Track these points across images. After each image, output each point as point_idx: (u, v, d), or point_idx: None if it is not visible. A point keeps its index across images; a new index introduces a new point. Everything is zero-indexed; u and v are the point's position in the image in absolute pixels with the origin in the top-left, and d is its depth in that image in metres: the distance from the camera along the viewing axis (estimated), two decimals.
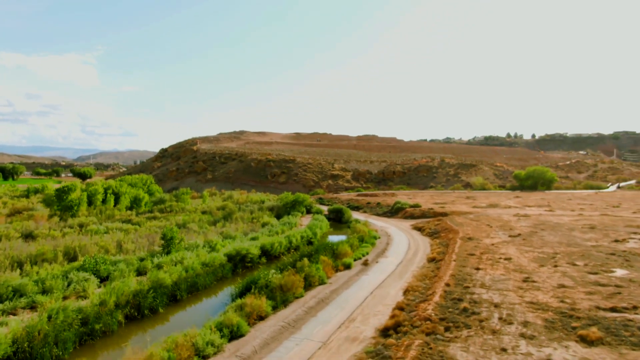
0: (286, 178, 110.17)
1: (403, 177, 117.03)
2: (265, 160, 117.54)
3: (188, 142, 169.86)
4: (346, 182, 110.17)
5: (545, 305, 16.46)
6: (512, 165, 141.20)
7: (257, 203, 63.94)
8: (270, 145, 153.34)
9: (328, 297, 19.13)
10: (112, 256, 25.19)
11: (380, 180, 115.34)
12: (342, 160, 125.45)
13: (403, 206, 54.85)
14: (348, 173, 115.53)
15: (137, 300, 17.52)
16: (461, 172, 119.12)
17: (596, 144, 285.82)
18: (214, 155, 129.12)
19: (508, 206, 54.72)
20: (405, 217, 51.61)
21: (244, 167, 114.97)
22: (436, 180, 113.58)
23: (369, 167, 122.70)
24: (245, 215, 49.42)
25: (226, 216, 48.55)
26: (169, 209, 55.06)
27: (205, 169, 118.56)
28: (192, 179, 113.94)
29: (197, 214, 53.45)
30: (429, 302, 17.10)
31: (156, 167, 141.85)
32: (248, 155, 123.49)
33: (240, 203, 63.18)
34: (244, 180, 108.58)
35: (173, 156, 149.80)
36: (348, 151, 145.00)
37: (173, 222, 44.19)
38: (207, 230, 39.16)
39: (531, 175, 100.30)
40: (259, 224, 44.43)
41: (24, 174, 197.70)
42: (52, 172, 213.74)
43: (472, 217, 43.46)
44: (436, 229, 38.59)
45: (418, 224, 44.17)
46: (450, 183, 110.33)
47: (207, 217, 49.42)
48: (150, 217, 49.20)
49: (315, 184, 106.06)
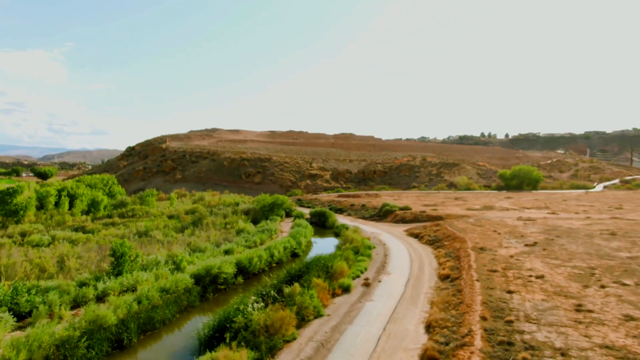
0: (262, 178, 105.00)
1: (384, 177, 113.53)
2: (239, 159, 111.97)
3: (157, 140, 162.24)
4: (325, 182, 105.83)
5: (626, 350, 12.40)
6: (494, 164, 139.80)
7: (230, 206, 58.81)
8: (245, 143, 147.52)
9: (329, 339, 14.53)
10: (46, 280, 19.96)
11: (360, 180, 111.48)
12: (320, 159, 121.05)
13: (392, 209, 50.79)
14: (327, 172, 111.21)
15: (62, 354, 12.55)
16: (444, 171, 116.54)
17: (568, 143, 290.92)
18: (184, 153, 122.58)
19: (505, 208, 51.38)
20: (395, 221, 47.54)
21: (216, 167, 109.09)
22: (419, 179, 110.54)
23: (348, 166, 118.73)
24: (218, 221, 44.35)
25: (196, 222, 43.37)
26: (130, 213, 49.38)
27: (174, 169, 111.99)
28: (160, 179, 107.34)
29: (162, 219, 48.05)
30: (470, 350, 12.75)
31: (122, 167, 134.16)
32: (221, 154, 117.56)
33: (212, 206, 57.92)
34: (217, 180, 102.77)
35: (140, 155, 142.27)
36: (326, 149, 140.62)
37: (134, 229, 38.79)
38: (172, 239, 34.01)
39: (517, 174, 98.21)
40: (233, 231, 39.49)
41: None
42: (11, 172, 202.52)
43: (472, 221, 39.67)
44: (436, 235, 34.54)
45: (413, 229, 40.10)
46: (433, 183, 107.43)
47: (174, 223, 44.13)
48: (108, 223, 43.54)
49: (293, 184, 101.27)
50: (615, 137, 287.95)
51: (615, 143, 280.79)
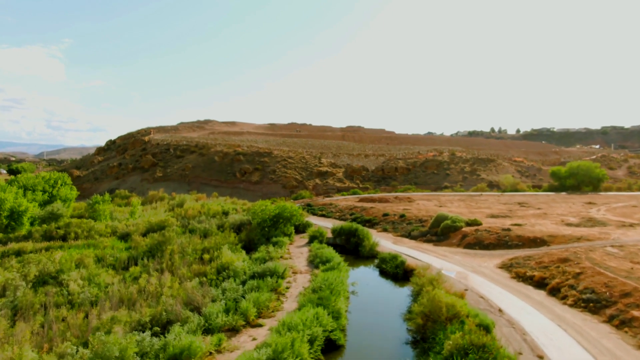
0: (260, 176, 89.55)
1: (408, 175, 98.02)
2: (233, 153, 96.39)
3: (140, 132, 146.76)
4: (338, 181, 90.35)
5: None
6: (532, 160, 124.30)
7: (217, 216, 43.50)
8: (241, 136, 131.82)
9: None
10: None
11: (379, 178, 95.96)
12: (331, 153, 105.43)
13: (456, 224, 35.28)
14: (339, 170, 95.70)
15: None
16: (478, 168, 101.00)
17: (585, 139, 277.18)
18: (167, 146, 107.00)
19: (622, 223, 35.87)
20: (467, 244, 32.05)
21: (205, 162, 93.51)
22: (450, 178, 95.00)
23: (364, 162, 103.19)
24: (192, 246, 29.05)
25: (155, 249, 28.07)
26: (62, 231, 34.09)
27: (154, 165, 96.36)
28: (136, 177, 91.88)
29: (110, 240, 32.72)
30: None
31: (96, 163, 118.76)
32: (211, 147, 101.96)
33: (191, 217, 42.53)
34: (205, 178, 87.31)
35: (120, 149, 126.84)
36: (336, 142, 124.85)
37: (44, 265, 23.55)
38: (91, 294, 18.74)
39: (574, 172, 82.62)
40: (211, 268, 24.22)
41: None
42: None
43: (614, 251, 24.31)
44: (587, 287, 19.12)
45: (515, 265, 24.70)
46: (469, 182, 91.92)
47: (121, 249, 28.88)
48: (14, 250, 28.25)
49: (299, 184, 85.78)
50: (635, 132, 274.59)
51: (635, 138, 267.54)
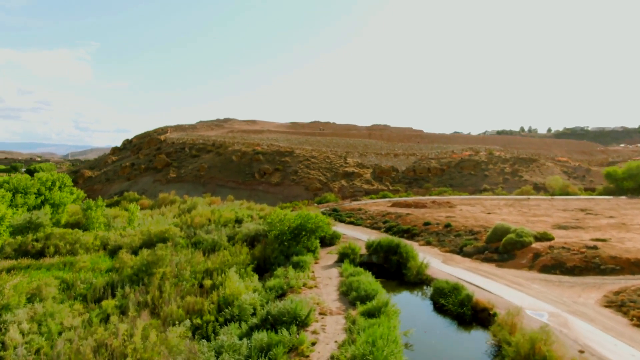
0: (281, 177, 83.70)
1: (442, 176, 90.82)
2: (252, 153, 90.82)
3: (157, 131, 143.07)
4: (365, 182, 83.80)
5: None
6: (577, 159, 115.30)
7: (228, 224, 37.65)
8: (261, 134, 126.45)
9: None
10: None
11: (411, 180, 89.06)
12: (357, 152, 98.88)
13: (522, 239, 28.43)
14: (367, 170, 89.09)
15: None
16: (520, 169, 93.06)
17: (622, 137, 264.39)
18: (183, 145, 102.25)
19: None
20: (542, 267, 25.17)
21: (222, 162, 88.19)
22: (489, 180, 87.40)
23: (393, 162, 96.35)
24: (189, 268, 23.18)
25: (143, 271, 22.27)
26: (40, 244, 28.69)
27: (167, 165, 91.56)
28: (148, 178, 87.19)
29: (91, 258, 27.06)
30: None
31: (109, 163, 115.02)
32: (229, 146, 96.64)
33: (198, 226, 36.76)
34: (221, 180, 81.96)
35: (135, 148, 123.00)
36: (363, 141, 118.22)
37: None
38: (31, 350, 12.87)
39: (633, 173, 74.28)
40: (212, 306, 18.19)
41: None
42: (10, 169, 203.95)
43: None
44: None
45: (630, 305, 17.91)
46: (510, 184, 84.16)
47: (97, 274, 23.09)
48: None
49: (323, 185, 79.58)
50: None
51: None
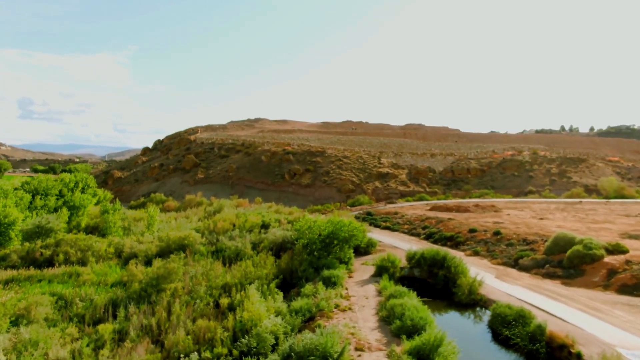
0: (312, 178, 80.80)
1: (482, 177, 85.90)
2: (282, 153, 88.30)
3: (187, 132, 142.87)
4: (401, 184, 79.91)
5: None
6: (630, 159, 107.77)
7: (254, 230, 34.89)
8: (292, 134, 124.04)
9: None
10: None
11: (449, 181, 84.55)
12: (391, 152, 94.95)
13: (591, 252, 24.34)
14: (402, 171, 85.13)
15: None
16: (568, 169, 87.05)
17: None
18: (212, 145, 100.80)
19: None
20: (621, 287, 21.07)
21: (251, 162, 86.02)
22: (534, 181, 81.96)
23: (430, 162, 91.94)
24: (205, 282, 20.42)
25: (150, 287, 19.62)
26: (51, 251, 26.59)
27: (196, 165, 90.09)
28: (176, 179, 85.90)
29: (100, 268, 24.67)
30: None
31: (140, 163, 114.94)
32: (258, 146, 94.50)
33: (221, 231, 34.14)
34: (250, 181, 79.75)
35: (165, 148, 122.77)
36: (397, 140, 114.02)
37: None
38: None
39: None
40: (226, 334, 15.30)
41: (14, 171, 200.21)
42: (48, 170, 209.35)
43: None
44: None
45: None
46: (558, 186, 78.58)
47: (101, 289, 20.50)
48: None
49: (356, 187, 76.19)
50: None
51: None
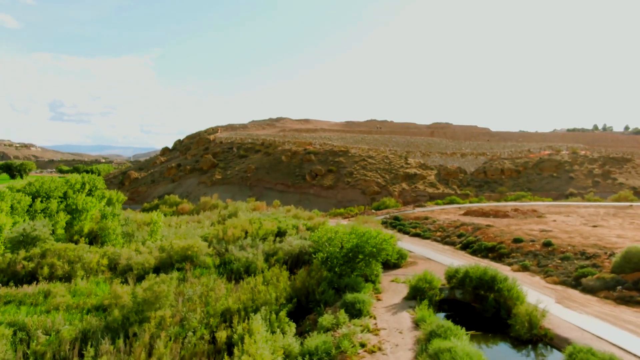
0: (334, 179, 77.07)
1: (517, 179, 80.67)
2: (303, 152, 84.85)
3: (207, 131, 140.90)
4: (429, 185, 75.43)
5: None
6: None
7: (268, 238, 31.31)
8: (314, 133, 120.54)
9: None
10: None
11: (481, 182, 79.63)
12: (419, 152, 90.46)
13: None
14: (431, 172, 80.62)
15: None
16: (613, 170, 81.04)
17: None
18: (231, 145, 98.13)
19: None
20: None
21: (271, 163, 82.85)
22: (575, 183, 76.38)
23: (460, 162, 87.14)
24: (201, 309, 16.92)
25: (133, 315, 16.24)
26: (35, 263, 23.54)
27: (214, 166, 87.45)
28: (193, 180, 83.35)
29: (86, 287, 21.46)
30: None
31: (158, 163, 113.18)
32: (278, 146, 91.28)
33: (231, 240, 30.65)
34: (269, 182, 76.55)
35: (184, 148, 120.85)
36: (425, 139, 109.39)
37: None
38: None
39: None
40: None
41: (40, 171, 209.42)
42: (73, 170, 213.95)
43: None
44: None
45: None
46: (602, 188, 72.87)
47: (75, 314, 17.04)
48: None
49: (382, 188, 72.10)
50: None
51: None
